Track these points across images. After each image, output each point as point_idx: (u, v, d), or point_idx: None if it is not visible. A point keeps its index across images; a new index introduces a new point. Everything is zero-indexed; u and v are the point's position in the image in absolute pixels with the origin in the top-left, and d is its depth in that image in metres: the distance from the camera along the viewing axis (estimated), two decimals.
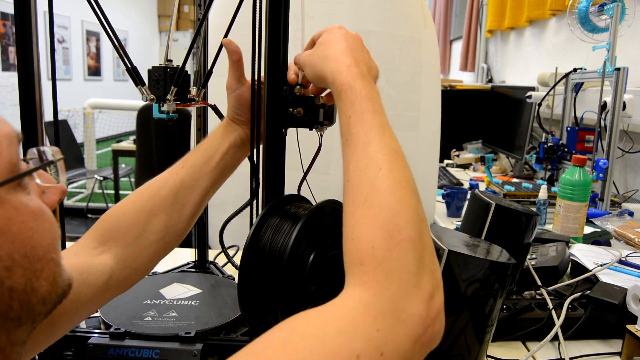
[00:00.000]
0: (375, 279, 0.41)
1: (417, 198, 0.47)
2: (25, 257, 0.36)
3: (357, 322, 0.39)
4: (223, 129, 0.74)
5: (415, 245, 0.43)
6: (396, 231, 0.43)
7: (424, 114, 1.50)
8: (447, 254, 0.63)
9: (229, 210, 0.80)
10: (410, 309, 0.40)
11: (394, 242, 0.43)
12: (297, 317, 0.40)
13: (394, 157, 0.48)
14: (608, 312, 0.86)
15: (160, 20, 10.91)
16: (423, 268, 0.43)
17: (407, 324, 0.40)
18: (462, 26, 4.42)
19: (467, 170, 2.76)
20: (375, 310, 0.40)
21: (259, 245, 0.61)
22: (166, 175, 0.69)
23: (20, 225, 0.36)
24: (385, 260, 0.42)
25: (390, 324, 0.39)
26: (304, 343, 0.37)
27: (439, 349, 0.66)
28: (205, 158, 0.71)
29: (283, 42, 0.67)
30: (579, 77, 2.06)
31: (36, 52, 0.68)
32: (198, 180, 0.70)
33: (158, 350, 0.71)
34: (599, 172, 1.73)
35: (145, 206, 0.66)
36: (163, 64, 0.79)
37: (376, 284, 0.41)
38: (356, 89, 0.53)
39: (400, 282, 0.41)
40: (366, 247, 0.43)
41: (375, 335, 0.39)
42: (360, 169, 0.48)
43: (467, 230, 0.95)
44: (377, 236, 0.43)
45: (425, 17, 1.53)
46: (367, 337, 0.38)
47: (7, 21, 6.08)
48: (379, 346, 0.38)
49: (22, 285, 0.36)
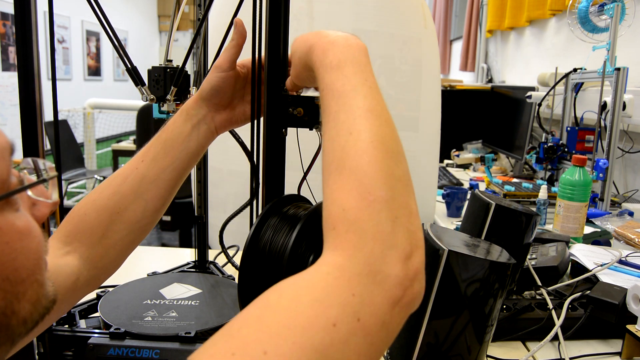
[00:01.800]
0: (348, 241, 0.40)
1: (393, 157, 0.44)
2: (7, 279, 0.35)
3: (332, 287, 0.38)
4: (186, 114, 0.68)
5: (388, 205, 0.41)
6: (367, 192, 0.41)
7: (424, 114, 1.50)
8: (447, 254, 0.63)
9: (229, 210, 0.80)
10: (387, 269, 0.39)
11: (365, 203, 0.41)
12: (271, 290, 0.39)
13: (366, 118, 0.46)
14: (608, 312, 0.86)
15: (160, 20, 10.91)
16: (398, 227, 0.41)
17: (383, 286, 0.38)
18: (462, 26, 4.42)
19: (467, 170, 2.76)
20: (349, 272, 0.38)
21: (259, 246, 0.61)
22: (127, 170, 0.66)
23: (3, 246, 0.35)
24: (357, 221, 0.41)
25: (365, 286, 0.38)
26: (278, 317, 0.36)
27: (439, 349, 0.66)
28: (165, 149, 0.67)
29: (283, 42, 0.67)
30: (579, 77, 2.06)
31: (36, 52, 0.68)
32: (160, 174, 0.66)
33: (158, 350, 0.71)
34: (599, 172, 1.73)
35: (107, 205, 0.64)
36: (163, 64, 0.79)
37: (349, 246, 0.40)
38: (326, 62, 0.50)
39: (374, 243, 0.39)
40: (337, 211, 0.42)
41: (351, 300, 0.37)
42: (332, 138, 0.46)
43: (467, 230, 0.95)
44: (348, 199, 0.42)
45: (425, 17, 1.53)
46: (343, 302, 0.37)
47: (7, 21, 6.08)
48: (356, 311, 0.37)
49: (2, 308, 0.35)
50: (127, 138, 5.21)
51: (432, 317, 0.65)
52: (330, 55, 0.50)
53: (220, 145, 1.42)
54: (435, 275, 0.64)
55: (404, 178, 0.44)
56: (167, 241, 4.16)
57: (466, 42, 4.20)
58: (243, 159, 0.80)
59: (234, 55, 0.68)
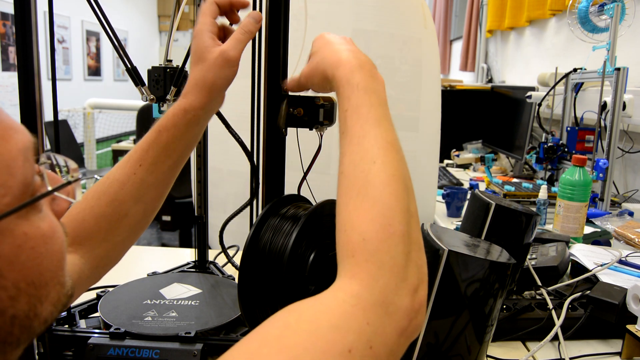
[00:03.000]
0: (366, 271, 0.42)
1: (410, 193, 0.47)
2: (32, 284, 0.35)
3: (349, 315, 0.39)
4: (192, 115, 0.64)
5: (404, 240, 0.43)
6: (388, 224, 0.43)
7: (424, 114, 1.50)
8: (447, 254, 0.63)
9: (229, 210, 0.80)
10: (398, 301, 0.41)
11: (385, 235, 0.43)
12: (288, 311, 0.40)
13: (389, 150, 0.48)
14: (608, 312, 0.86)
15: (160, 20, 10.91)
16: (410, 262, 0.43)
17: (394, 317, 0.41)
18: (462, 26, 4.42)
19: (467, 170, 2.76)
20: (366, 302, 0.40)
21: (259, 246, 0.61)
22: (123, 176, 0.63)
23: (29, 252, 0.35)
24: (377, 252, 0.42)
25: (379, 316, 0.40)
26: (298, 339, 0.37)
27: (439, 349, 0.66)
28: (168, 152, 0.64)
29: (283, 42, 0.67)
30: (579, 77, 2.06)
31: (36, 52, 0.68)
32: (160, 176, 0.65)
33: (158, 350, 0.71)
34: (599, 172, 1.73)
35: (106, 212, 0.63)
36: (163, 64, 0.79)
37: (367, 276, 0.41)
38: (353, 82, 0.52)
39: (390, 275, 0.41)
40: (358, 239, 0.43)
41: (366, 329, 0.39)
42: (355, 162, 0.48)
43: (467, 230, 0.95)
44: (369, 228, 0.43)
45: (425, 17, 1.53)
46: (359, 330, 0.39)
47: (7, 21, 6.08)
48: (369, 339, 0.39)
49: (26, 312, 0.35)
50: (127, 138, 5.21)
51: (432, 317, 0.65)
52: (357, 77, 0.52)
53: (220, 146, 1.42)
54: (435, 275, 0.64)
55: (416, 214, 0.47)
56: (167, 241, 4.16)
57: (466, 42, 4.20)
58: (243, 159, 0.80)
59: (243, 48, 0.65)
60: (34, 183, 0.36)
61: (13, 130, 0.35)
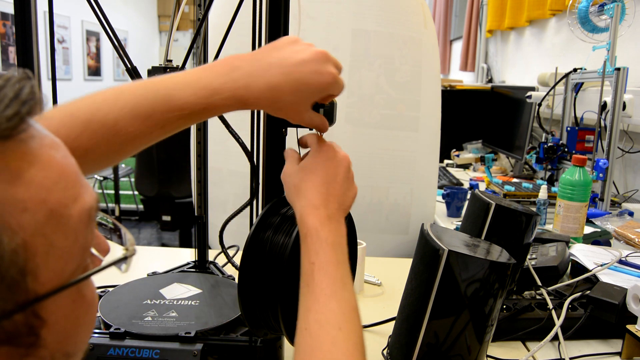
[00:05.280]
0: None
1: (365, 356, 0.50)
2: (65, 355, 0.34)
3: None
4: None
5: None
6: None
7: (424, 114, 1.50)
8: (447, 254, 0.63)
9: (229, 210, 0.80)
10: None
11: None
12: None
13: (353, 317, 0.51)
14: (608, 312, 0.86)
15: (160, 20, 10.91)
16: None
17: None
18: (462, 26, 4.41)
19: (467, 170, 2.76)
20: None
21: (259, 245, 0.61)
22: (135, 129, 0.54)
23: (74, 321, 0.33)
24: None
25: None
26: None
27: (439, 349, 0.66)
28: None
29: None
30: (579, 77, 2.06)
31: (36, 52, 0.68)
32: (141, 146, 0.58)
33: (158, 350, 0.71)
34: (599, 172, 1.73)
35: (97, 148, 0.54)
36: (163, 64, 0.79)
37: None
38: (322, 235, 0.54)
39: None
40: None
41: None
42: (321, 323, 0.50)
43: (467, 230, 0.95)
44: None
45: (425, 17, 1.53)
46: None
47: (7, 21, 6.08)
48: None
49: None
50: None
51: (432, 317, 0.65)
52: (326, 230, 0.54)
53: (220, 146, 1.42)
54: (435, 275, 0.64)
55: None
56: (167, 241, 4.16)
57: (466, 42, 4.20)
58: (243, 159, 0.80)
59: None
60: (91, 246, 0.34)
61: (84, 189, 0.33)
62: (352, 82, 1.40)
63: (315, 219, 0.55)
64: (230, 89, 0.53)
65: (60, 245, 0.31)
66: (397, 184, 1.47)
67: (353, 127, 1.42)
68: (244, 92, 0.54)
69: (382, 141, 1.45)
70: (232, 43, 0.84)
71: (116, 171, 4.20)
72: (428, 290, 0.65)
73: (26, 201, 0.29)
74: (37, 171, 0.30)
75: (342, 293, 0.52)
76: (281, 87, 0.54)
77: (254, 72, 0.54)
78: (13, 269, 0.28)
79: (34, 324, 0.30)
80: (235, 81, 0.54)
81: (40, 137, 0.31)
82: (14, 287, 0.29)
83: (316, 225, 0.55)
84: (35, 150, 0.30)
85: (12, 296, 0.29)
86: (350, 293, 0.53)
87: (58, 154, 0.32)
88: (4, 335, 0.29)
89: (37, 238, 0.29)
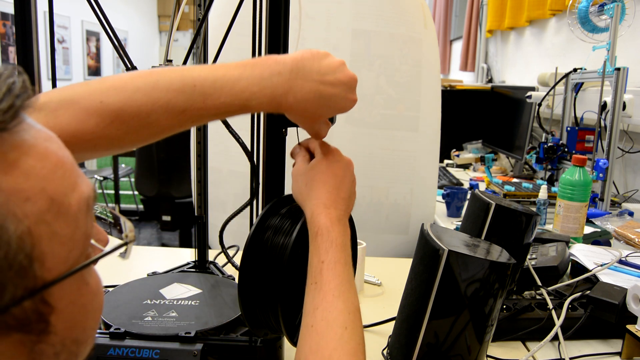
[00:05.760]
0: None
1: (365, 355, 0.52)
2: (75, 341, 0.34)
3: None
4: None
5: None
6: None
7: (424, 114, 1.50)
8: (447, 254, 0.63)
9: (229, 210, 0.80)
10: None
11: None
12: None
13: (357, 317, 0.53)
14: (608, 312, 0.86)
15: (160, 20, 10.91)
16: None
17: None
18: (462, 26, 4.41)
19: (467, 170, 2.76)
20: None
21: (259, 245, 0.61)
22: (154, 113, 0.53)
23: (81, 309, 0.34)
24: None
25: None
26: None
27: (439, 349, 0.66)
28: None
29: (283, 42, 0.67)
30: (579, 77, 2.06)
31: (36, 52, 0.68)
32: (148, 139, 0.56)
33: (158, 350, 0.71)
34: (599, 172, 1.73)
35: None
36: (163, 64, 0.79)
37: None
38: (332, 235, 0.56)
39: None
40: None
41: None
42: (328, 320, 0.51)
43: (467, 230, 0.95)
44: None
45: (425, 17, 1.53)
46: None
47: (7, 21, 6.08)
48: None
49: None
50: None
51: (432, 317, 0.65)
52: (336, 230, 0.56)
53: (220, 146, 1.43)
54: (435, 275, 0.64)
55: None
56: (167, 241, 4.16)
57: (466, 42, 4.20)
58: (243, 159, 0.80)
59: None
60: (91, 234, 0.35)
61: (80, 178, 0.34)
62: None
63: (327, 218, 0.57)
64: (268, 95, 0.54)
65: (63, 232, 0.32)
66: (397, 184, 1.47)
67: (353, 127, 1.42)
68: (281, 99, 0.55)
69: (382, 141, 1.45)
70: (232, 43, 0.84)
71: (116, 171, 4.20)
72: (428, 290, 0.65)
73: (27, 190, 0.30)
74: (34, 162, 0.31)
75: (348, 294, 0.53)
76: (312, 101, 0.56)
77: (293, 82, 0.55)
78: (21, 255, 0.29)
79: (43, 310, 0.31)
80: (274, 87, 0.54)
81: (35, 130, 0.32)
82: (23, 273, 0.29)
83: (327, 224, 0.56)
84: (31, 142, 0.31)
85: (21, 282, 0.29)
86: (355, 294, 0.54)
87: (53, 145, 0.33)
88: (15, 322, 0.30)
89: (41, 226, 0.30)
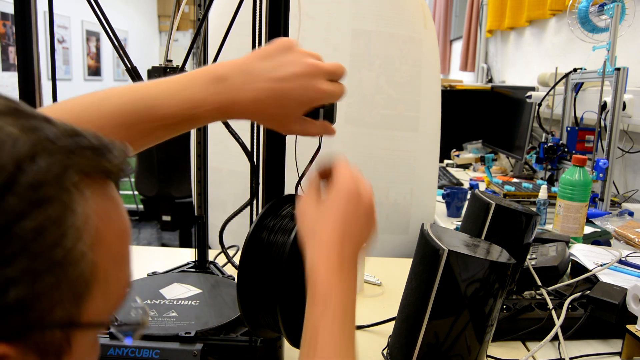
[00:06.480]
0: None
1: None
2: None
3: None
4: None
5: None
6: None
7: (424, 114, 1.50)
8: (447, 254, 0.63)
9: (229, 210, 0.80)
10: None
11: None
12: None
13: (352, 345, 0.50)
14: (608, 312, 0.86)
15: (160, 20, 10.90)
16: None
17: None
18: (462, 26, 4.41)
19: (467, 170, 2.76)
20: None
21: (258, 245, 0.61)
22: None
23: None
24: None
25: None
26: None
27: (439, 349, 0.66)
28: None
29: None
30: (579, 77, 2.06)
31: (36, 52, 0.68)
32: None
33: (158, 350, 0.71)
34: (599, 172, 1.73)
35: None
36: (163, 64, 0.79)
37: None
38: (330, 291, 0.51)
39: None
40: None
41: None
42: (332, 350, 0.48)
43: (467, 230, 0.95)
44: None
45: (425, 17, 1.53)
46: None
47: (7, 21, 6.08)
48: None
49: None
50: None
51: (432, 317, 0.65)
52: (334, 285, 0.52)
53: (220, 146, 1.42)
54: (435, 275, 0.64)
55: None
56: (167, 241, 4.16)
57: (466, 42, 4.20)
58: (243, 159, 0.80)
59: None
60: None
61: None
62: (352, 82, 1.40)
63: (325, 268, 0.52)
64: (214, 101, 0.53)
65: (115, 283, 0.34)
66: (397, 184, 1.47)
67: (353, 127, 1.42)
68: (228, 104, 0.53)
69: (382, 141, 1.45)
70: (232, 43, 0.84)
71: None
72: (428, 290, 0.65)
73: (106, 235, 0.33)
74: (117, 216, 0.34)
75: (346, 357, 0.50)
76: (265, 101, 0.53)
77: (238, 85, 0.53)
78: (81, 281, 0.31)
79: (63, 348, 0.31)
80: (219, 93, 0.53)
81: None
82: (76, 301, 0.31)
83: (324, 278, 0.52)
84: (117, 199, 0.35)
85: (70, 308, 0.30)
86: (353, 352, 0.51)
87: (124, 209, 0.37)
88: (38, 344, 0.30)
89: (101, 272, 0.32)
